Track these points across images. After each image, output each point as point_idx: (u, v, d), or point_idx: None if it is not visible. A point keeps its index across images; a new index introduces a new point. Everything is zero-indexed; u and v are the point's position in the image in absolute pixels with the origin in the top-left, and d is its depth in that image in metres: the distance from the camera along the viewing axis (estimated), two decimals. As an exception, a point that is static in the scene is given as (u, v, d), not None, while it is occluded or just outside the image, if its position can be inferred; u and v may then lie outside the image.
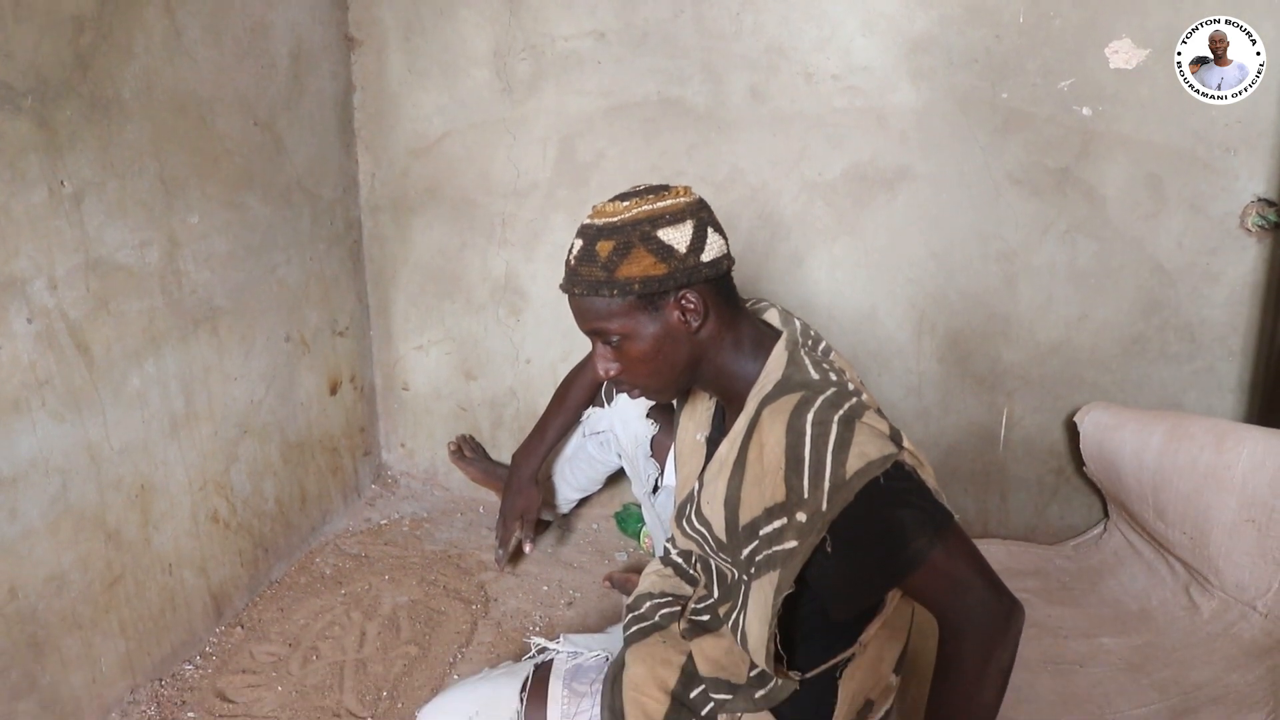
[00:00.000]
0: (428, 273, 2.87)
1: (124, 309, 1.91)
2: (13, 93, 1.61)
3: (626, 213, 1.32)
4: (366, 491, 2.98)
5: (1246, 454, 2.04)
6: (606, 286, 1.31)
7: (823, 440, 1.22)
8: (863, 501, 1.21)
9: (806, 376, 1.32)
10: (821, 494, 1.21)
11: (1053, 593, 2.36)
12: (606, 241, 1.31)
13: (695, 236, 1.32)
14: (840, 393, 1.28)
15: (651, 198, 1.33)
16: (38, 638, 1.76)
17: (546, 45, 2.59)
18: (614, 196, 1.36)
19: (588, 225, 1.35)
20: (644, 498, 2.28)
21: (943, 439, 2.64)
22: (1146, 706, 1.91)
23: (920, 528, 1.22)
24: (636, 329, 1.33)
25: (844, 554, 1.24)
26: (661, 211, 1.32)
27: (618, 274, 1.30)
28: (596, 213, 1.35)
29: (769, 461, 1.26)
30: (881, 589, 1.30)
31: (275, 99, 2.37)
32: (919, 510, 1.24)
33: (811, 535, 1.22)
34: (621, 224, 1.31)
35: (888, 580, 1.26)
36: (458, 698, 1.55)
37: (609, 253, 1.30)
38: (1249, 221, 2.31)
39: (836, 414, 1.24)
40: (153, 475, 2.03)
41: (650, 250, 1.30)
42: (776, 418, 1.27)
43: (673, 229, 1.31)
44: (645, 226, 1.30)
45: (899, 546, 1.22)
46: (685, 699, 1.43)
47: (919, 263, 2.53)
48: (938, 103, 2.42)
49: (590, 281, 1.32)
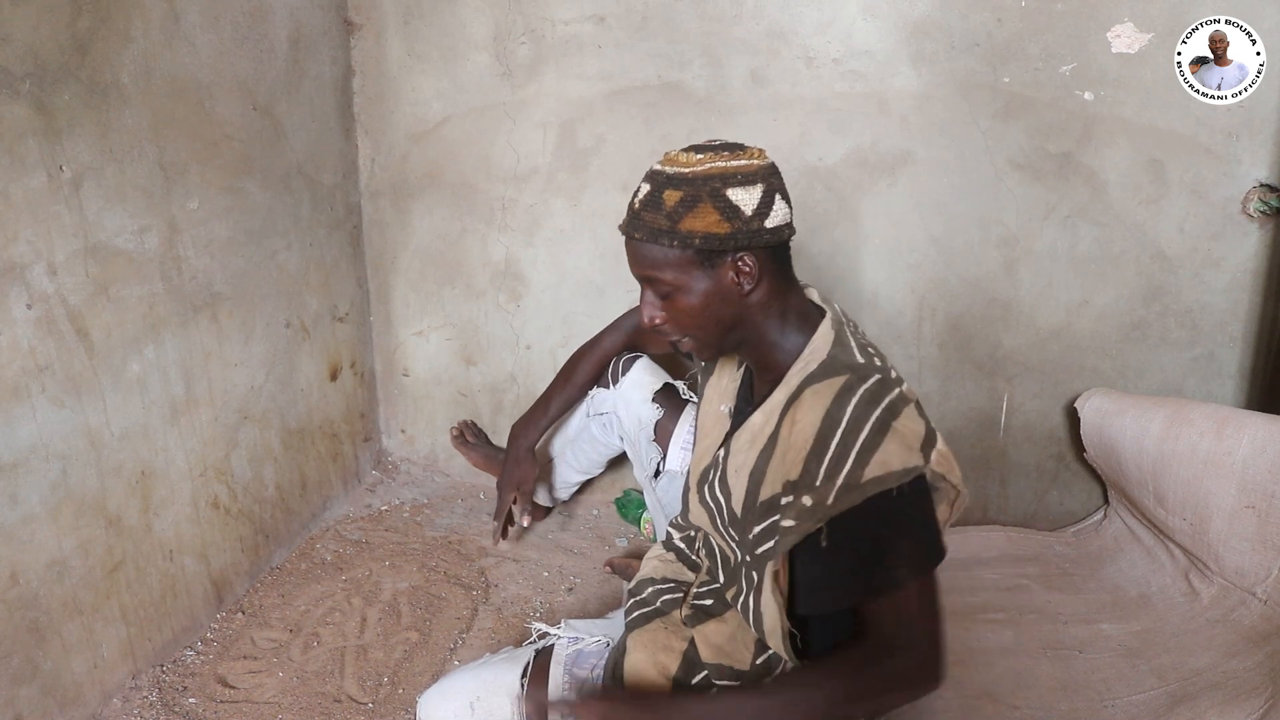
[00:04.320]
0: (428, 258, 2.86)
1: (124, 294, 1.90)
2: (10, 77, 1.60)
3: (700, 165, 1.30)
4: (367, 477, 2.98)
5: (1247, 440, 2.04)
6: (667, 236, 1.30)
7: (852, 436, 1.22)
8: (868, 508, 1.21)
9: (852, 359, 1.32)
10: (832, 488, 1.22)
11: (1052, 579, 2.36)
12: (675, 191, 1.30)
13: (763, 201, 1.31)
14: (883, 382, 1.28)
15: (727, 155, 1.32)
16: (39, 623, 1.77)
17: (546, 29, 2.58)
18: (688, 147, 1.35)
19: (658, 171, 1.34)
20: (645, 482, 2.28)
21: (943, 425, 2.63)
22: (1146, 692, 1.92)
23: (908, 558, 1.24)
24: (689, 283, 1.33)
25: (832, 551, 1.24)
26: (736, 170, 1.30)
27: (680, 225, 1.29)
28: (668, 160, 1.34)
29: (797, 439, 1.27)
30: (847, 600, 1.27)
31: (274, 84, 2.36)
32: (915, 541, 1.25)
33: (809, 522, 1.23)
34: (693, 176, 1.30)
35: (857, 593, 1.26)
36: (458, 683, 1.55)
37: (675, 203, 1.30)
38: (1251, 207, 2.31)
39: (875, 411, 1.24)
40: (153, 461, 2.03)
41: (717, 207, 1.29)
42: (818, 399, 1.27)
43: (743, 190, 1.30)
44: (716, 183, 1.29)
45: (880, 566, 1.23)
46: (687, 685, 1.43)
47: (919, 248, 2.53)
48: (939, 87, 2.41)
49: (652, 228, 1.31)
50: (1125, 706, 1.89)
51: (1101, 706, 1.90)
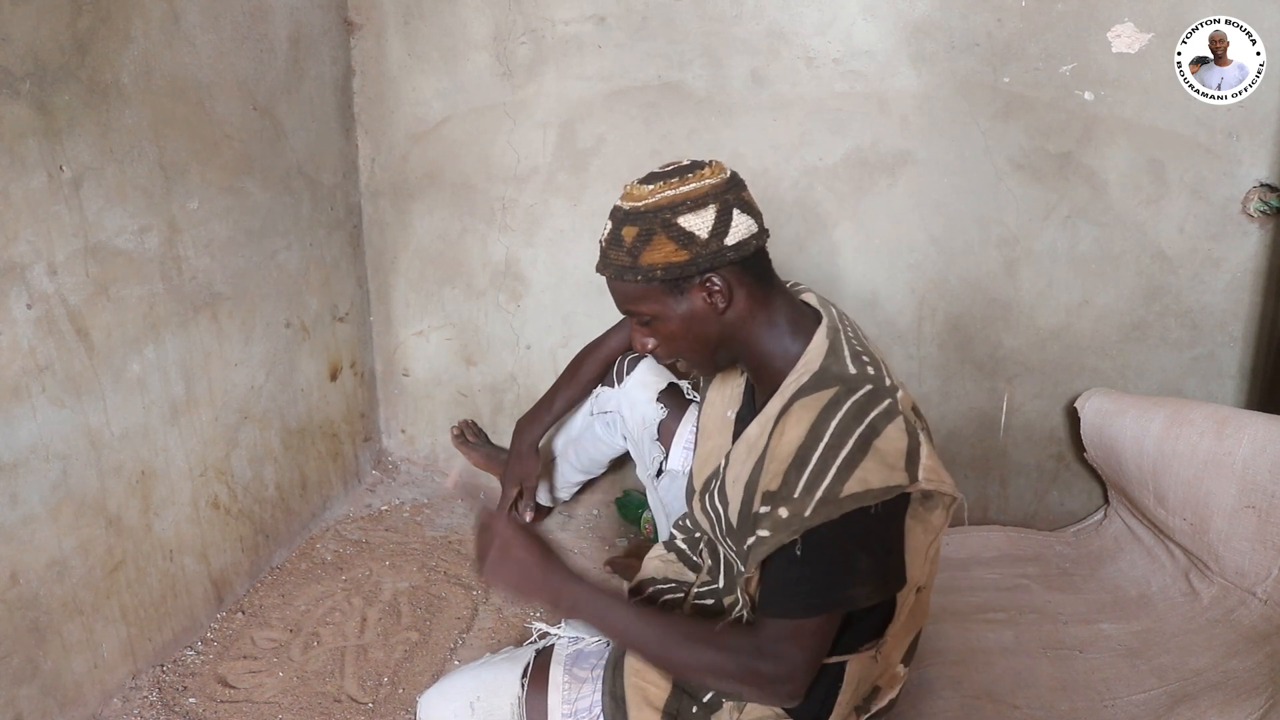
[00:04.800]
0: (428, 258, 2.86)
1: (124, 294, 1.90)
2: (11, 77, 1.61)
3: (650, 197, 1.31)
4: (367, 477, 2.98)
5: (1247, 440, 2.04)
6: (631, 272, 1.32)
7: (834, 452, 1.22)
8: (844, 523, 1.21)
9: (844, 370, 1.32)
10: (810, 501, 1.22)
11: (1052, 579, 2.36)
12: (631, 227, 1.31)
13: (718, 220, 1.31)
14: (874, 392, 1.28)
15: (675, 181, 1.32)
16: (39, 623, 1.77)
17: (547, 29, 2.58)
18: (644, 176, 1.36)
19: (617, 208, 1.35)
20: (648, 481, 2.28)
21: (943, 425, 2.64)
22: (1146, 692, 1.92)
23: (870, 578, 1.25)
24: (664, 310, 1.35)
25: (803, 563, 1.24)
26: (683, 198, 1.30)
27: (641, 260, 1.31)
28: (625, 194, 1.35)
29: (781, 451, 1.27)
30: (804, 611, 1.26)
31: (275, 83, 2.36)
32: (880, 564, 1.26)
33: (784, 533, 1.23)
34: (645, 209, 1.31)
35: (814, 605, 1.25)
36: (458, 683, 1.55)
37: (633, 239, 1.31)
38: (1251, 207, 2.31)
39: (858, 428, 1.23)
40: (153, 461, 2.03)
41: (671, 237, 1.29)
42: (805, 413, 1.27)
43: (693, 215, 1.30)
44: (666, 214, 1.30)
45: (843, 584, 1.24)
46: (687, 685, 1.43)
47: (919, 248, 2.53)
48: (939, 87, 2.41)
49: (617, 266, 1.34)
50: (1125, 706, 1.89)
51: (1102, 706, 1.90)
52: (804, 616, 1.24)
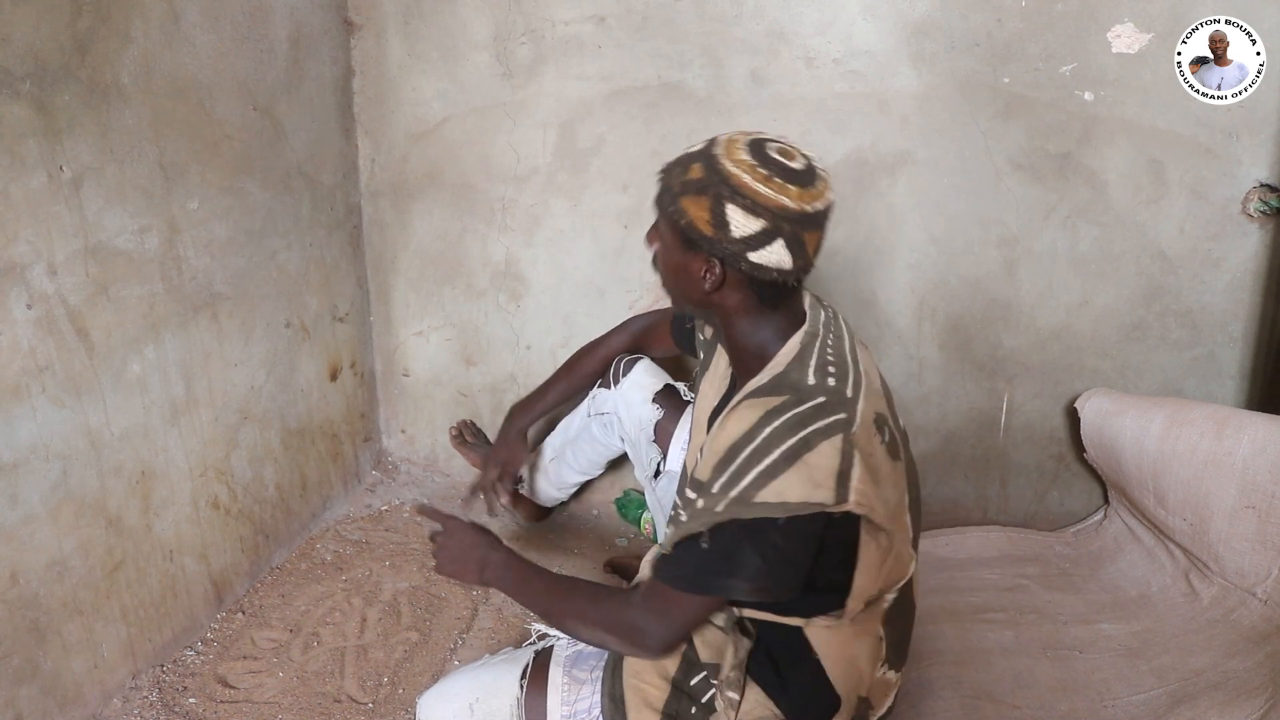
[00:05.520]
0: (428, 258, 2.87)
1: (124, 295, 1.91)
2: (11, 77, 1.61)
3: (738, 165, 1.29)
4: (367, 477, 2.98)
5: (1247, 440, 2.04)
6: (667, 198, 1.34)
7: (759, 457, 1.23)
8: (750, 526, 1.23)
9: (802, 378, 1.31)
10: (724, 499, 1.24)
11: (1052, 579, 2.36)
12: (701, 169, 1.31)
13: (757, 236, 1.29)
14: (823, 405, 1.27)
15: (765, 173, 1.28)
16: (39, 623, 1.77)
17: (547, 29, 2.58)
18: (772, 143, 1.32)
19: (711, 142, 1.34)
20: (646, 482, 2.28)
21: (943, 425, 2.64)
22: (1146, 693, 1.92)
23: (755, 580, 1.26)
24: (670, 246, 1.38)
25: (703, 551, 1.27)
26: (753, 193, 1.27)
27: (681, 200, 1.32)
28: (731, 140, 1.33)
29: (717, 445, 1.29)
30: (679, 582, 1.32)
31: (275, 84, 2.36)
32: (772, 572, 1.26)
33: (695, 523, 1.26)
34: (721, 168, 1.29)
35: (690, 582, 1.31)
36: (458, 684, 1.55)
37: (693, 176, 1.31)
38: (1251, 207, 2.31)
39: (792, 438, 1.23)
40: (153, 461, 2.03)
41: (712, 209, 1.29)
42: (748, 413, 1.28)
43: (742, 214, 1.28)
44: (727, 189, 1.28)
45: (723, 574, 1.27)
46: (685, 686, 1.43)
47: (919, 248, 2.53)
48: (939, 87, 2.41)
49: (664, 183, 1.35)
50: (1125, 707, 1.89)
51: (1101, 707, 1.90)
52: (677, 589, 1.31)
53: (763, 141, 1.32)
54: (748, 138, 1.33)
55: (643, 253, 2.66)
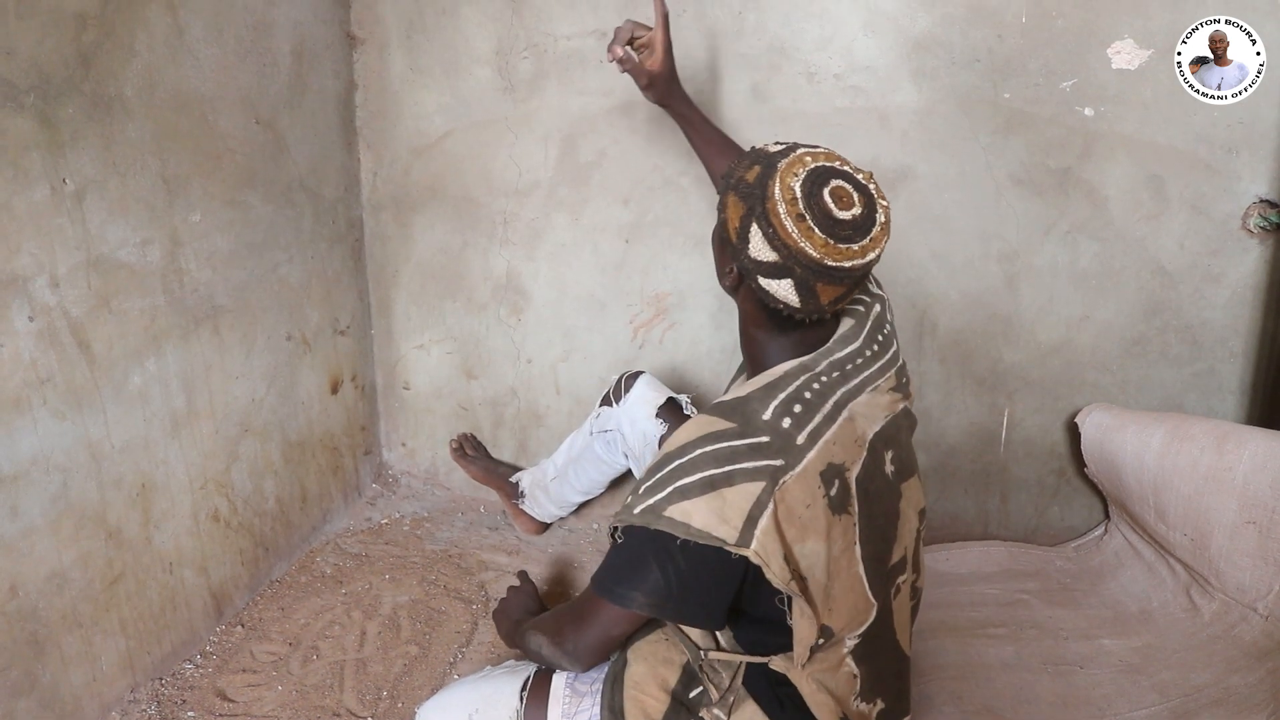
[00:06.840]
0: (429, 272, 2.87)
1: (125, 307, 1.91)
2: (15, 90, 1.61)
3: (782, 191, 1.26)
4: (367, 491, 2.98)
5: (1248, 456, 2.04)
6: (725, 183, 1.35)
7: (681, 473, 1.24)
8: (655, 535, 1.23)
9: (758, 411, 1.29)
10: (641, 504, 1.25)
11: (1053, 594, 2.36)
12: (757, 173, 1.30)
13: (771, 267, 1.28)
14: (758, 447, 1.24)
15: (801, 211, 1.24)
16: (38, 636, 1.76)
17: (548, 44, 2.59)
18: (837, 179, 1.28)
19: (783, 151, 1.31)
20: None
21: (943, 440, 2.64)
22: (1147, 708, 1.91)
23: (651, 594, 1.27)
24: (716, 226, 1.41)
25: (615, 547, 1.32)
26: (779, 226, 1.25)
27: (728, 195, 1.33)
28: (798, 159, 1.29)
29: (663, 449, 1.31)
30: (597, 585, 1.35)
31: (277, 97, 2.37)
32: (668, 588, 1.26)
33: (616, 519, 1.30)
34: (767, 187, 1.27)
35: (604, 586, 1.34)
36: (457, 695, 1.55)
37: (748, 177, 1.31)
38: (1251, 223, 2.31)
39: (717, 469, 1.23)
40: (153, 474, 2.03)
41: (741, 220, 1.30)
42: (694, 426, 1.30)
43: (763, 240, 1.28)
44: (760, 209, 1.27)
45: (626, 581, 1.30)
46: (685, 698, 1.43)
47: (920, 263, 2.53)
48: (939, 103, 2.42)
49: (732, 167, 1.35)
50: (1127, 723, 1.89)
51: (1103, 722, 1.90)
52: (595, 592, 1.35)
53: (828, 174, 1.28)
54: (815, 163, 1.28)
55: (644, 266, 2.67)
